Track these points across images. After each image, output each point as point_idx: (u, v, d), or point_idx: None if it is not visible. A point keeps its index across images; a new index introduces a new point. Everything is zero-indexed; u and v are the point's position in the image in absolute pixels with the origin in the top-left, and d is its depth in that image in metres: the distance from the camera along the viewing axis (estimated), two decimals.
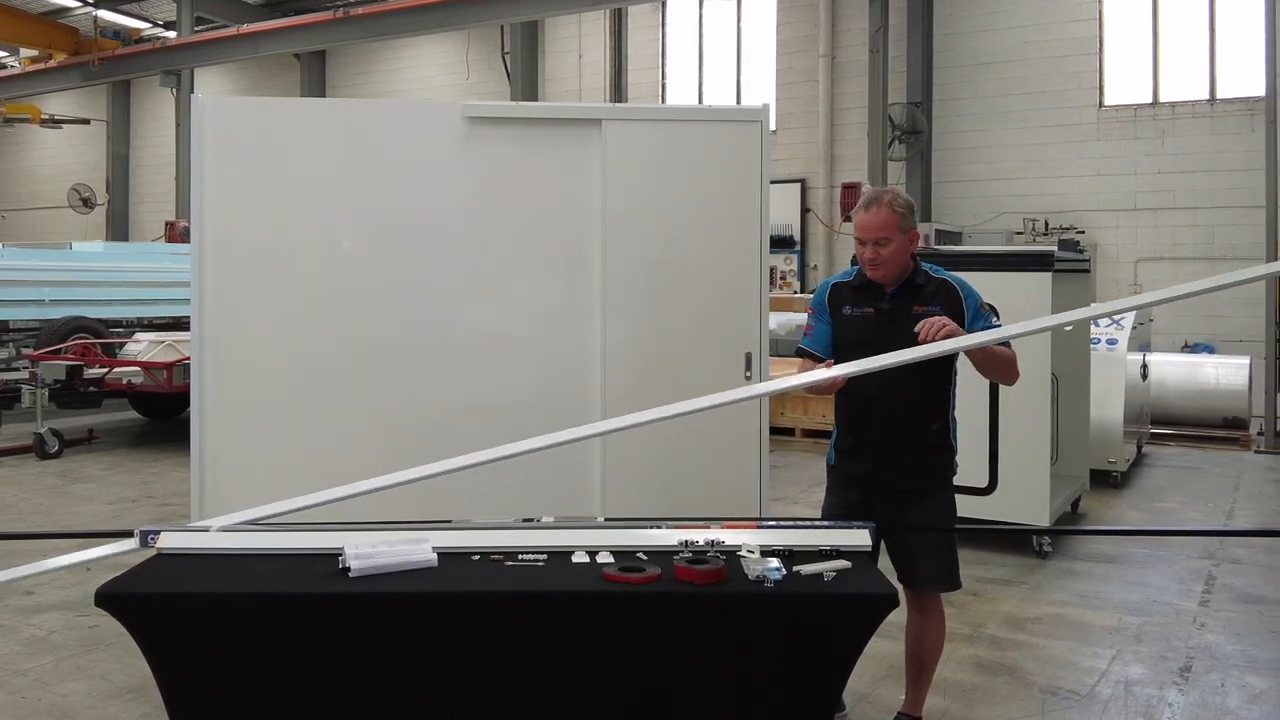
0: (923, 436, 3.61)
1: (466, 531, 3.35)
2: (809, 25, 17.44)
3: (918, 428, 3.62)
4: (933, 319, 3.38)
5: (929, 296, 3.61)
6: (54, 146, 26.51)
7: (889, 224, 3.54)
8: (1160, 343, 11.98)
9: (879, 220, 3.55)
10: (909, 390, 3.59)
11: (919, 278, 3.65)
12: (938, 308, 3.53)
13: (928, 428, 3.62)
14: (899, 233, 3.55)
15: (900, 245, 3.57)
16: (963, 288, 3.64)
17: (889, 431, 3.63)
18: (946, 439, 3.69)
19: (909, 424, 3.62)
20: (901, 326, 3.52)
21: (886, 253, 3.56)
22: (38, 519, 7.39)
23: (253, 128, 4.99)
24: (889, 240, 3.55)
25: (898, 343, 3.45)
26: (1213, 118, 14.51)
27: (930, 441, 3.61)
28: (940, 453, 3.68)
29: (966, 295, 3.62)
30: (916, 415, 3.62)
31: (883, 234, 3.55)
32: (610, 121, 5.19)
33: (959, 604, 5.43)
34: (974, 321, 3.57)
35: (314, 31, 17.77)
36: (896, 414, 3.62)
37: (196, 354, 4.88)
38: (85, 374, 10.01)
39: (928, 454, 3.65)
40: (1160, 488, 8.49)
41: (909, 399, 3.61)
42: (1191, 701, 4.26)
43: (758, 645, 2.95)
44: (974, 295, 3.64)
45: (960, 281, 3.66)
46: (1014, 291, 6.19)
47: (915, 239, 3.64)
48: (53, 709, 4.10)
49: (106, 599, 2.85)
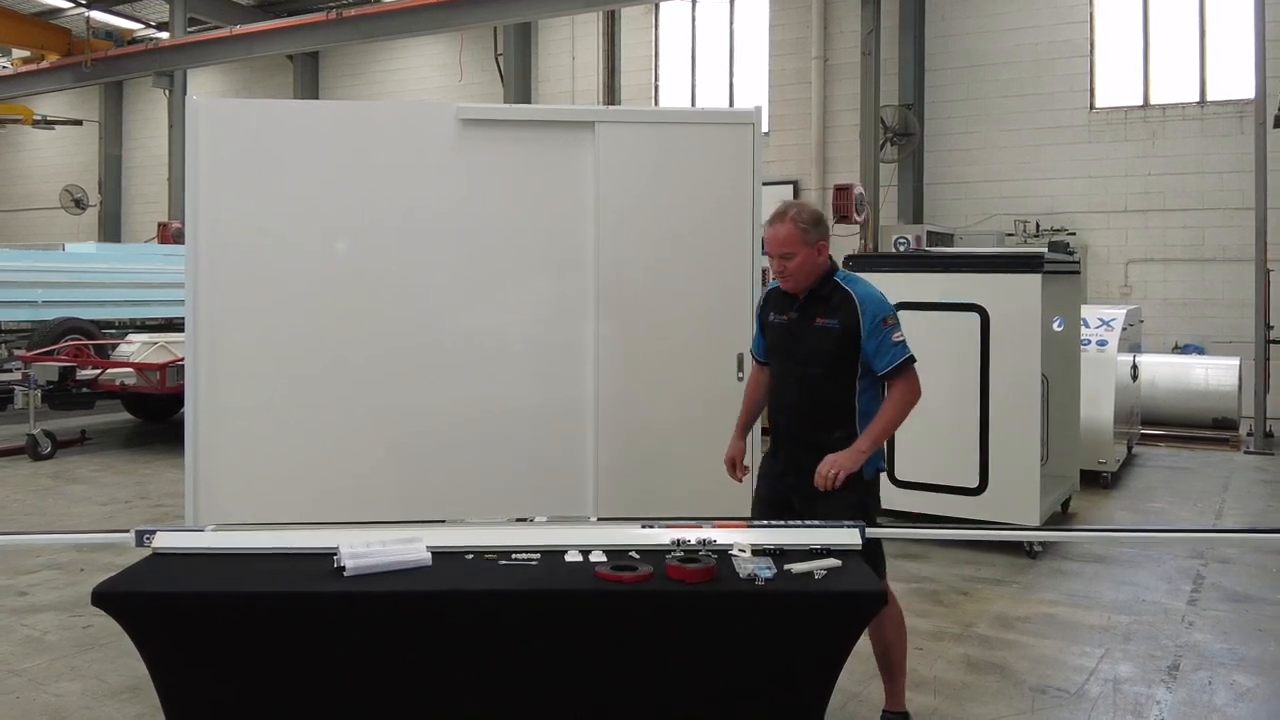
0: (826, 445, 3.68)
1: (460, 530, 3.37)
2: (801, 27, 17.48)
3: (820, 437, 3.71)
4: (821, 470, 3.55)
5: (831, 309, 3.72)
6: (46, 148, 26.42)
7: (792, 238, 3.67)
8: (1150, 344, 12.04)
9: (782, 235, 3.69)
10: (811, 403, 3.76)
11: (825, 289, 3.75)
12: (835, 321, 3.69)
13: (830, 436, 3.70)
14: (803, 246, 3.68)
15: (805, 258, 3.69)
16: (863, 301, 3.70)
17: (794, 440, 3.81)
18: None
19: (812, 434, 3.74)
20: (803, 338, 3.75)
21: (792, 266, 3.70)
22: (31, 520, 7.39)
23: (248, 130, 5.02)
24: (793, 254, 3.68)
25: (800, 352, 3.75)
26: (1203, 120, 14.58)
27: (834, 448, 3.67)
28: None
29: (864, 309, 3.68)
30: (819, 427, 3.74)
31: (786, 248, 3.69)
32: (603, 124, 5.23)
33: (949, 603, 5.47)
34: (870, 336, 3.66)
35: (307, 33, 17.75)
36: (801, 425, 3.79)
37: (191, 355, 4.90)
38: (78, 375, 10.01)
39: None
40: (1150, 488, 8.53)
41: (811, 412, 3.77)
42: (1179, 699, 4.30)
43: (750, 642, 2.98)
44: (874, 309, 3.69)
45: (864, 295, 3.72)
46: (1004, 293, 6.25)
47: (823, 250, 3.75)
48: (48, 709, 4.12)
49: (103, 597, 2.87)
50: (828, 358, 3.70)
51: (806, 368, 3.74)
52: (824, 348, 3.70)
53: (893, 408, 3.67)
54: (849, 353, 3.68)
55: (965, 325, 6.29)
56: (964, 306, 6.31)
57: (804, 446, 3.73)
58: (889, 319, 3.67)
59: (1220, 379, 10.78)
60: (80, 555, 6.11)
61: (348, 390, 4.99)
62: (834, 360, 3.69)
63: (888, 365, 3.64)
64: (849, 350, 3.67)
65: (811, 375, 3.73)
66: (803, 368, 3.75)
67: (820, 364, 3.71)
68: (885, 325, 3.65)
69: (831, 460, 3.57)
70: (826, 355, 3.69)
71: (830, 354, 3.69)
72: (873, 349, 3.65)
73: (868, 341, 3.65)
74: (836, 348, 3.68)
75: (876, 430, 3.65)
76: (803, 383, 3.75)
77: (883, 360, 3.64)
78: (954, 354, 6.34)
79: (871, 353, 3.65)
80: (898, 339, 3.66)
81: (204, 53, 19.06)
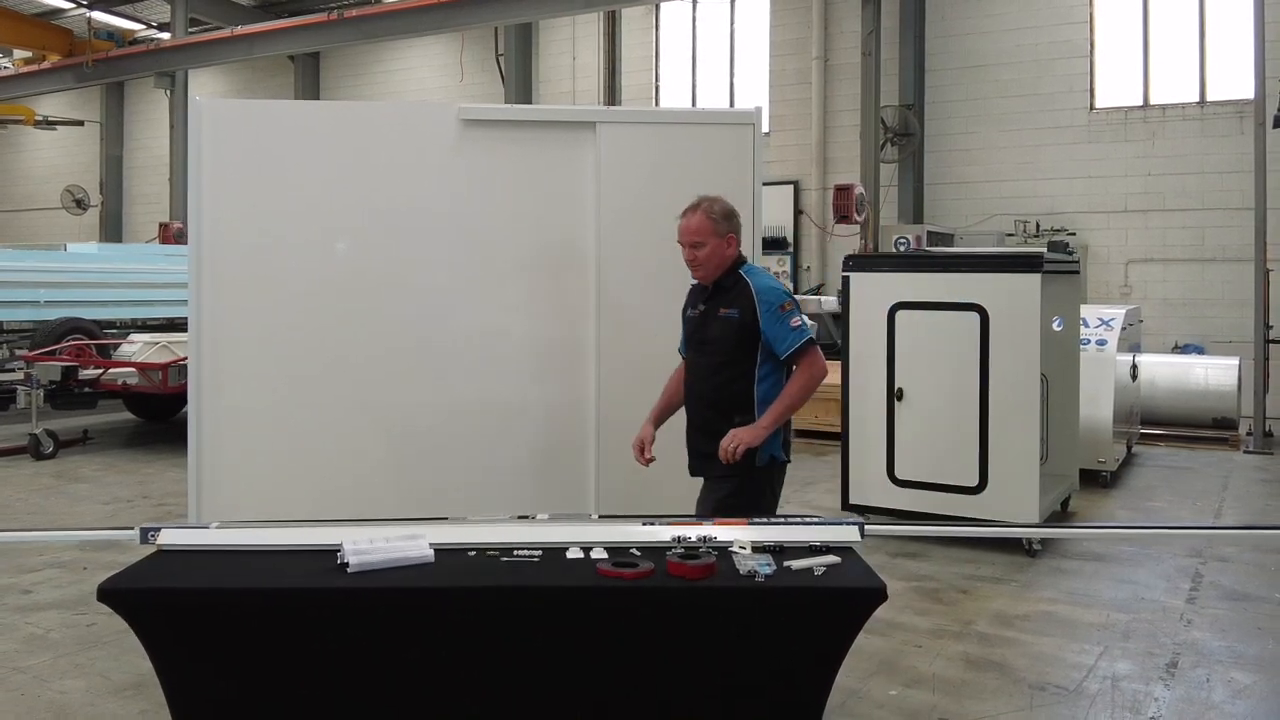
0: (721, 430, 3.80)
1: (463, 528, 3.39)
2: (802, 28, 17.51)
3: (721, 424, 3.82)
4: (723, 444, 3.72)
5: (732, 299, 3.87)
6: (47, 148, 26.46)
7: (703, 228, 3.85)
8: (1150, 343, 12.05)
9: (694, 224, 3.87)
10: (712, 390, 3.91)
11: (728, 280, 3.91)
12: (736, 311, 3.83)
13: (731, 422, 3.81)
14: (713, 236, 3.85)
15: (715, 248, 3.86)
16: (759, 291, 3.84)
17: (696, 425, 3.99)
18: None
19: (711, 418, 3.88)
20: (708, 328, 3.92)
21: (701, 255, 3.87)
22: (34, 519, 7.41)
23: (251, 130, 5.04)
24: (704, 244, 3.85)
25: (706, 341, 3.93)
26: (1202, 120, 14.60)
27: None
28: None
29: (760, 297, 3.82)
30: (718, 411, 3.87)
31: (698, 237, 3.86)
32: (604, 124, 5.25)
33: (949, 601, 5.49)
34: (767, 323, 3.79)
35: (308, 33, 17.78)
36: (704, 412, 3.94)
37: (194, 355, 4.93)
38: (80, 375, 10.03)
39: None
40: (1150, 487, 8.55)
41: (712, 399, 3.91)
42: (1177, 696, 4.32)
43: (750, 638, 3.00)
44: (769, 297, 3.83)
45: (760, 284, 3.86)
46: (1004, 292, 6.27)
47: (733, 243, 3.90)
48: (52, 706, 4.14)
49: (109, 594, 2.89)
50: (728, 345, 3.85)
51: (710, 356, 3.91)
52: (725, 335, 3.86)
53: (795, 388, 3.81)
54: (748, 341, 3.82)
55: (965, 325, 6.31)
56: (964, 306, 6.33)
57: (707, 433, 3.87)
58: (786, 305, 3.82)
59: (1220, 379, 10.80)
60: (83, 554, 6.14)
61: (349, 389, 5.01)
62: (733, 348, 3.85)
63: (788, 349, 3.79)
64: (748, 338, 3.82)
65: (713, 363, 3.90)
66: (707, 357, 3.93)
67: (721, 352, 3.87)
68: (782, 311, 3.80)
69: (733, 434, 3.73)
70: (727, 343, 3.85)
71: (730, 342, 3.84)
72: (772, 335, 3.80)
73: (766, 328, 3.80)
74: (736, 335, 3.83)
75: (778, 409, 3.78)
76: (706, 370, 3.93)
77: (783, 344, 3.79)
78: (954, 353, 6.36)
79: (771, 339, 3.80)
80: (796, 324, 3.79)
81: (205, 53, 19.09)
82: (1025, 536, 6.33)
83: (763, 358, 3.84)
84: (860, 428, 6.78)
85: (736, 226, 3.93)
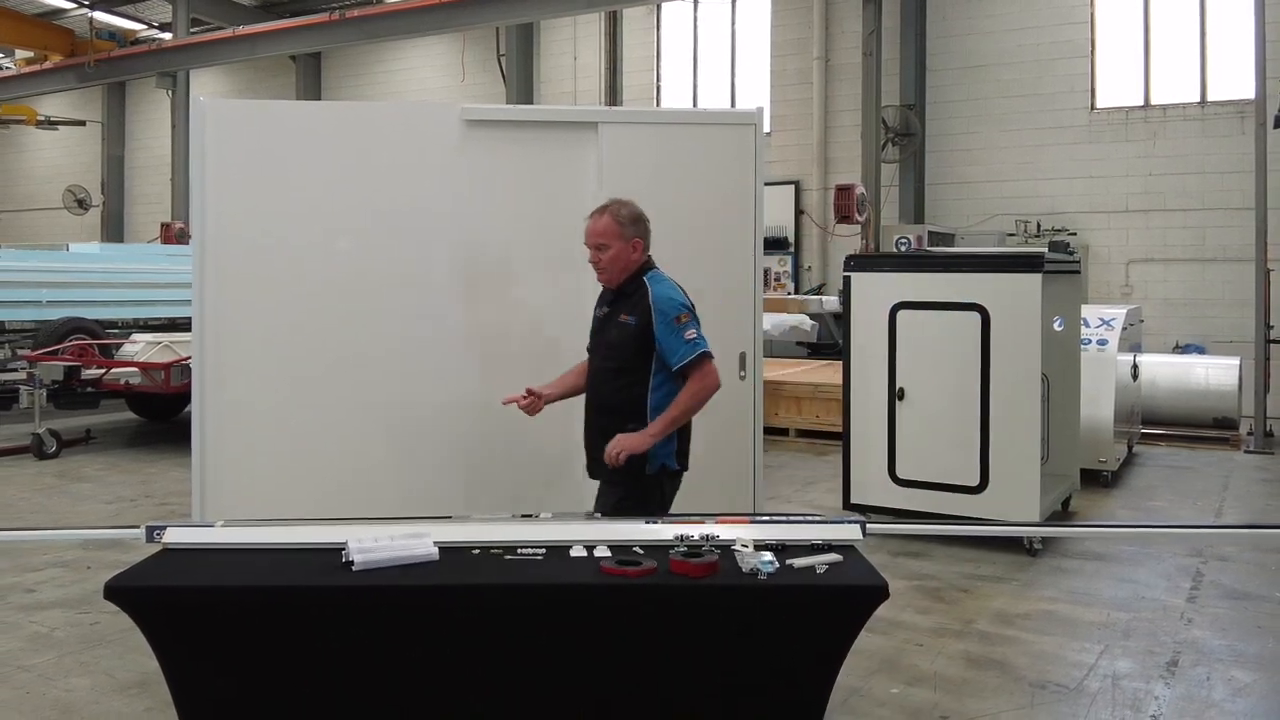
0: (614, 434, 3.81)
1: (466, 526, 3.41)
2: (803, 28, 17.53)
3: (613, 428, 3.83)
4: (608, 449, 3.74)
5: (631, 305, 3.87)
6: (49, 148, 26.50)
7: (609, 231, 3.85)
8: (1151, 343, 12.06)
9: (599, 227, 3.87)
10: (606, 395, 3.92)
11: (631, 286, 3.90)
12: (634, 318, 3.83)
13: (623, 427, 3.82)
14: (618, 240, 3.84)
15: (619, 252, 3.85)
16: (656, 300, 3.82)
17: (592, 427, 3.99)
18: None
19: (606, 423, 3.88)
20: (607, 332, 3.93)
21: (605, 258, 3.87)
22: (38, 518, 7.43)
23: (254, 130, 5.06)
24: (608, 246, 3.85)
25: (604, 346, 3.96)
26: (1203, 120, 14.62)
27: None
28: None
29: (657, 308, 3.81)
30: (612, 416, 3.87)
31: (602, 239, 3.86)
32: (606, 124, 5.27)
33: (950, 600, 5.50)
34: (662, 334, 3.78)
35: (310, 33, 17.80)
36: (599, 417, 3.94)
37: (198, 355, 4.94)
38: (83, 375, 10.04)
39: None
40: (1150, 487, 8.56)
41: (606, 402, 3.93)
42: (1178, 694, 4.33)
43: (752, 636, 3.02)
44: (666, 308, 3.81)
45: (659, 294, 3.84)
46: (1005, 292, 6.28)
47: (638, 248, 3.88)
48: (57, 704, 4.16)
49: (116, 592, 2.91)
50: (624, 351, 3.85)
51: (607, 361, 3.92)
52: (622, 341, 3.85)
53: (684, 398, 3.80)
54: (643, 348, 3.82)
55: (966, 325, 6.32)
56: (965, 306, 6.34)
57: (603, 436, 3.86)
58: (681, 317, 3.80)
59: (1220, 378, 10.80)
60: (86, 553, 6.15)
61: (352, 388, 5.02)
62: (629, 354, 3.84)
63: (680, 361, 3.78)
64: (643, 346, 3.82)
65: (609, 368, 3.91)
66: (604, 360, 3.93)
67: (616, 358, 3.88)
68: (678, 323, 3.78)
69: (617, 440, 3.74)
70: (623, 349, 3.85)
71: (626, 348, 3.84)
72: (665, 345, 3.79)
73: (661, 339, 3.79)
74: (631, 342, 3.83)
75: (667, 418, 3.78)
76: (603, 375, 3.93)
77: (674, 356, 3.78)
78: (955, 353, 6.37)
79: (664, 349, 3.79)
80: (690, 336, 3.78)
81: (207, 53, 19.11)
82: (1026, 536, 6.35)
83: (657, 366, 3.83)
84: (862, 427, 6.79)
85: (644, 231, 3.91)
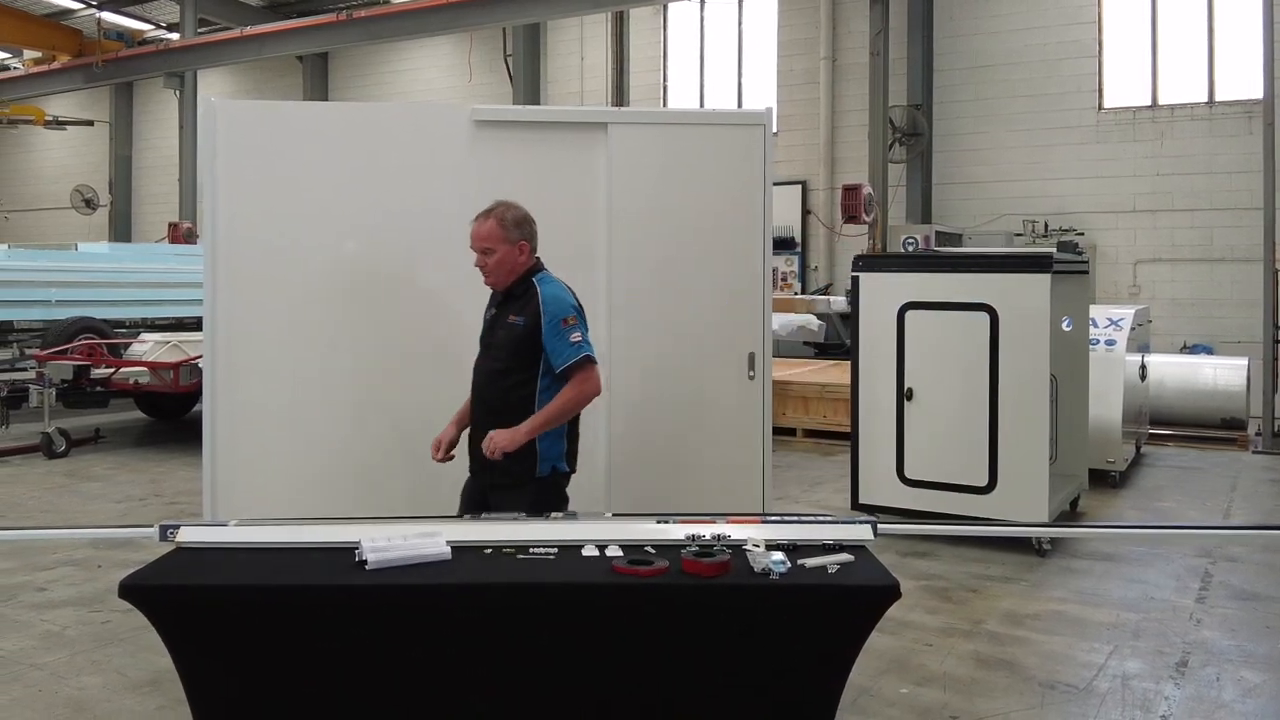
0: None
1: (479, 526, 3.42)
2: (810, 28, 17.53)
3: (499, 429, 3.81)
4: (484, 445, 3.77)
5: (520, 306, 3.87)
6: (57, 148, 26.59)
7: (493, 235, 3.83)
8: (1159, 344, 12.05)
9: (484, 231, 3.85)
10: (493, 396, 3.90)
11: (519, 287, 3.90)
12: (522, 319, 3.83)
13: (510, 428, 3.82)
14: (504, 243, 3.83)
15: (505, 255, 3.84)
16: (546, 301, 3.83)
17: (478, 427, 3.93)
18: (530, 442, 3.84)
19: (491, 424, 3.85)
20: (496, 333, 3.92)
21: (491, 262, 3.85)
22: (47, 517, 7.46)
23: (264, 131, 5.07)
24: (493, 250, 3.83)
25: (492, 347, 3.93)
26: (1211, 120, 14.60)
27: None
28: (520, 454, 3.82)
29: (545, 309, 3.82)
30: (499, 419, 3.84)
31: (487, 244, 3.84)
32: (616, 125, 5.27)
33: (959, 600, 5.51)
34: (549, 335, 3.80)
35: (317, 34, 17.85)
36: (485, 418, 3.90)
37: (209, 355, 4.96)
38: (92, 374, 10.07)
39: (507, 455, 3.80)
40: (1159, 487, 8.56)
41: (492, 403, 3.90)
42: (1187, 695, 4.33)
43: (763, 636, 3.02)
44: (554, 309, 3.83)
45: (547, 295, 3.86)
46: (1014, 292, 6.28)
47: (524, 250, 3.88)
48: (70, 701, 4.18)
49: (130, 590, 2.92)
50: (511, 352, 3.85)
51: (494, 361, 3.91)
52: (509, 342, 3.85)
53: (561, 399, 3.81)
54: (531, 349, 3.82)
55: (975, 325, 6.33)
56: (973, 306, 6.34)
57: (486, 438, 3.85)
58: (569, 319, 3.81)
59: (1228, 379, 10.78)
60: (96, 552, 6.18)
61: (363, 388, 5.03)
62: (516, 355, 3.84)
63: (563, 363, 3.79)
64: (531, 347, 3.82)
65: (496, 369, 3.89)
66: (492, 362, 3.92)
67: (503, 359, 3.87)
68: (564, 325, 3.80)
69: (491, 436, 3.75)
70: (510, 350, 3.85)
71: (514, 349, 3.84)
72: (551, 347, 3.80)
73: (547, 340, 3.80)
74: (519, 343, 3.83)
75: (540, 417, 3.79)
76: (490, 375, 3.91)
77: (559, 358, 3.80)
78: (963, 353, 6.38)
79: (550, 351, 3.80)
80: (576, 339, 3.79)
81: (214, 54, 19.17)
82: (1035, 536, 6.35)
83: (544, 368, 3.84)
84: (870, 427, 6.80)
85: (529, 234, 3.90)
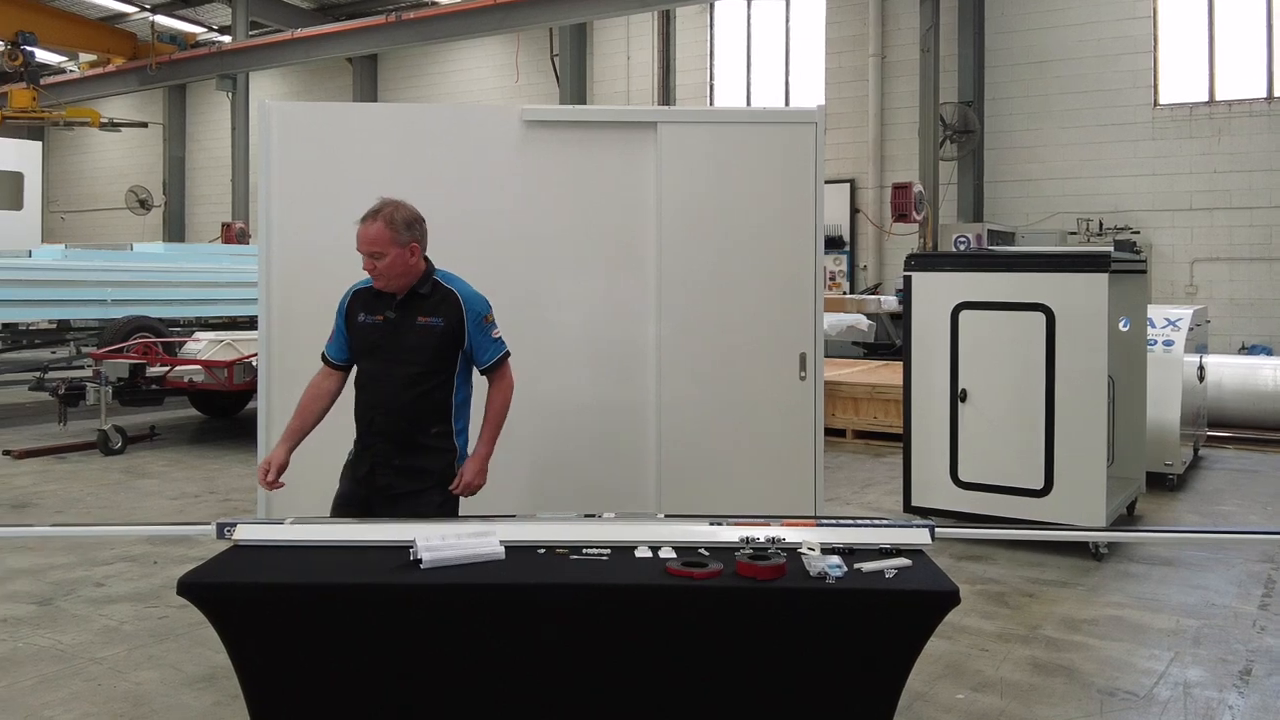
0: (422, 442, 3.76)
1: (532, 526, 3.41)
2: (858, 24, 17.40)
3: (417, 435, 3.77)
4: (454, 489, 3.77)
5: (433, 307, 3.78)
6: (112, 149, 27.07)
7: (381, 238, 3.66)
8: (1217, 344, 11.82)
9: (372, 234, 3.68)
10: (410, 400, 3.77)
11: (424, 288, 3.80)
12: (440, 319, 3.74)
13: (428, 433, 3.78)
14: (394, 246, 3.67)
15: (396, 258, 3.68)
16: (466, 300, 3.80)
17: (387, 438, 3.77)
18: (448, 441, 3.82)
19: (406, 431, 3.77)
20: (404, 335, 3.75)
21: (382, 265, 3.69)
22: (105, 513, 7.57)
23: (318, 133, 5.11)
24: (383, 254, 3.67)
25: (401, 351, 3.75)
26: (1270, 116, 14.30)
27: (426, 444, 3.77)
28: (438, 454, 3.79)
29: (468, 308, 3.79)
30: (414, 423, 3.77)
31: (376, 247, 3.67)
32: (665, 124, 5.25)
33: (1015, 605, 5.42)
34: (474, 333, 3.77)
35: (367, 35, 18.03)
36: (397, 423, 3.76)
37: (264, 354, 5.01)
38: (147, 372, 10.23)
39: (421, 456, 3.77)
40: (1218, 490, 8.38)
41: (410, 409, 3.78)
42: (1252, 704, 4.23)
43: (821, 641, 2.99)
44: (477, 307, 3.81)
45: (466, 294, 3.82)
46: (1070, 292, 6.18)
47: (415, 251, 3.75)
48: (128, 696, 4.23)
49: (188, 588, 2.95)
50: (430, 354, 3.76)
51: (406, 367, 3.75)
52: (425, 345, 3.75)
53: (499, 406, 3.84)
54: (451, 350, 3.78)
55: (1030, 325, 6.23)
56: (1029, 306, 6.25)
57: (399, 444, 3.76)
58: (489, 316, 3.82)
59: None
60: (152, 548, 6.26)
61: None
62: (436, 357, 3.77)
63: (489, 360, 3.80)
64: (451, 347, 3.77)
65: (410, 374, 3.75)
66: (403, 366, 3.76)
67: (419, 362, 3.76)
68: (486, 323, 3.80)
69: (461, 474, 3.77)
70: (429, 352, 3.75)
71: (433, 351, 3.76)
72: (477, 344, 3.78)
73: (472, 338, 3.77)
74: (439, 345, 3.76)
75: (491, 429, 3.82)
76: (403, 381, 3.75)
77: (485, 355, 3.79)
78: (1019, 354, 6.28)
79: (475, 348, 3.78)
80: (497, 335, 3.83)
81: (265, 56, 19.43)
82: (1092, 540, 6.24)
83: (460, 365, 3.80)
84: (923, 429, 6.72)
85: (420, 234, 3.76)
